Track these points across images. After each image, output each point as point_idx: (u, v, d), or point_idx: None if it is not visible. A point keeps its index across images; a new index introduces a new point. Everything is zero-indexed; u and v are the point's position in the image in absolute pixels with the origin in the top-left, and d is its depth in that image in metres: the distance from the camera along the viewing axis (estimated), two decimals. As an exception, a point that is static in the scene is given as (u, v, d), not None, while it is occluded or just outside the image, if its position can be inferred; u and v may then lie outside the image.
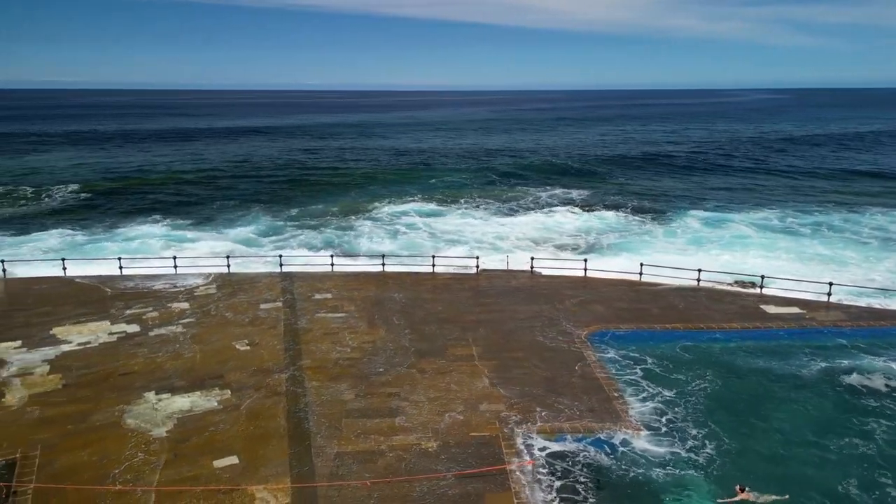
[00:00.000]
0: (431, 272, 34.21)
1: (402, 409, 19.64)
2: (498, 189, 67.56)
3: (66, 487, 15.56)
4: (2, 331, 25.17)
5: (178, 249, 40.43)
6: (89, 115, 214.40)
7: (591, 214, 54.12)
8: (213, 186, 68.78)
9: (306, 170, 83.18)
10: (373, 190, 67.87)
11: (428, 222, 51.56)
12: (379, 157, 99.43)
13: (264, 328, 25.90)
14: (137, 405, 19.65)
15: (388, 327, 26.14)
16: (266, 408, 19.61)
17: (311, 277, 33.08)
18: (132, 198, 61.58)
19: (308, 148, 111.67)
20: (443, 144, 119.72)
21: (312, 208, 56.42)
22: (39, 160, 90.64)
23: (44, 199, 59.71)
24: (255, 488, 15.76)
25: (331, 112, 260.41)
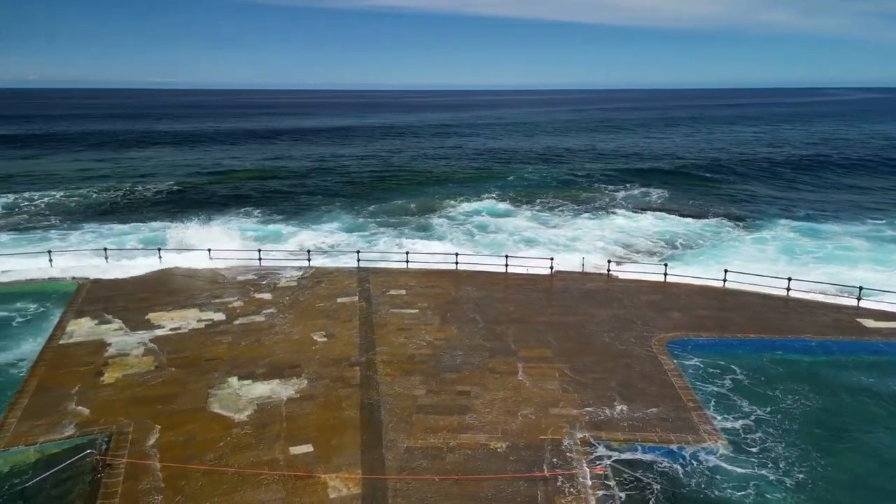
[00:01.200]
0: (504, 272, 34.08)
1: (471, 408, 19.69)
2: (575, 190, 66.41)
3: (154, 464, 16.58)
4: (103, 315, 27.09)
5: (264, 242, 42.18)
6: (188, 114, 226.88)
7: (673, 218, 52.24)
8: (298, 183, 71.24)
9: (385, 168, 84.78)
10: (448, 188, 68.32)
11: (502, 221, 51.38)
12: (456, 155, 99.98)
13: (341, 321, 26.61)
14: (221, 389, 20.66)
15: (460, 325, 26.27)
16: (340, 399, 20.15)
17: (387, 273, 33.71)
18: (224, 193, 64.70)
19: (388, 146, 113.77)
20: (520, 144, 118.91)
21: (390, 205, 57.42)
22: (140, 156, 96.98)
23: (144, 192, 63.77)
24: (328, 476, 16.23)
25: (410, 111, 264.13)
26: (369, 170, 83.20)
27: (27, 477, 16.31)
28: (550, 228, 49.25)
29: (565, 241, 44.79)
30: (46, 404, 19.63)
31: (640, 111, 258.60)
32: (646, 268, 34.57)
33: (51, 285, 31.13)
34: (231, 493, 15.57)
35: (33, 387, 20.72)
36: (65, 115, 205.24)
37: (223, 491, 15.63)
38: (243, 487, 15.77)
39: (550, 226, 50.22)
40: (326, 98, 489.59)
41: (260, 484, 15.93)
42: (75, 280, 31.74)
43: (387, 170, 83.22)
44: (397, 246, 42.57)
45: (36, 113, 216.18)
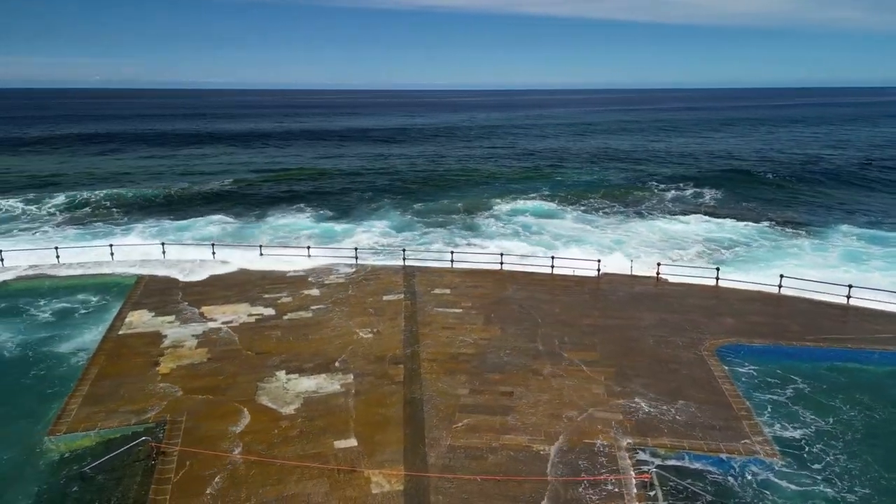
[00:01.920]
0: (550, 273, 33.79)
1: (514, 409, 19.61)
2: (625, 190, 65.26)
3: (205, 452, 17.12)
4: (160, 307, 28.12)
5: (314, 239, 42.98)
6: (242, 114, 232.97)
7: (727, 221, 50.72)
8: (348, 182, 72.29)
9: (434, 167, 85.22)
10: (496, 188, 68.18)
11: (549, 222, 50.93)
12: (504, 155, 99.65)
13: (386, 318, 26.89)
14: (269, 383, 21.17)
15: (504, 326, 26.18)
16: (384, 395, 20.37)
17: (432, 272, 33.87)
18: (277, 190, 66.21)
19: (436, 146, 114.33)
20: (570, 144, 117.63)
21: (437, 204, 57.68)
22: (197, 153, 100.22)
23: (200, 189, 65.86)
24: (372, 472, 16.44)
25: (459, 111, 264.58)
26: (418, 169, 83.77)
27: (87, 461, 17.08)
28: (598, 229, 48.55)
29: (613, 243, 44.07)
30: (105, 392, 20.51)
31: (694, 111, 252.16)
32: (696, 271, 33.67)
33: (111, 278, 32.50)
34: (277, 484, 15.95)
35: (94, 375, 21.67)
36: (131, 115, 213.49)
37: (270, 482, 16.02)
38: (289, 479, 16.13)
39: (598, 227, 49.50)
40: (376, 98, 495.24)
41: (305, 476, 16.25)
42: (134, 273, 33.06)
43: (435, 169, 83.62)
44: (443, 245, 42.74)
45: (102, 113, 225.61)
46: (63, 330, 26.08)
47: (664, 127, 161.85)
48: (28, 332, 25.73)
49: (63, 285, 31.43)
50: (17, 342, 24.66)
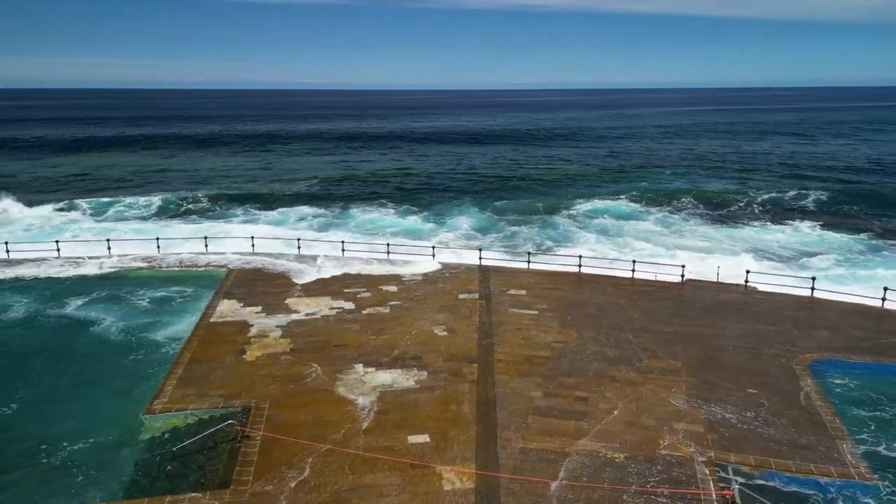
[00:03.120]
0: (631, 277, 32.89)
1: (589, 415, 19.25)
2: (714, 194, 62.54)
3: (286, 439, 17.85)
4: (248, 298, 29.53)
5: (395, 237, 43.82)
6: (327, 115, 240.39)
7: (826, 230, 47.60)
8: (429, 181, 73.28)
9: (515, 167, 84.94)
10: (578, 189, 67.08)
11: (632, 224, 49.57)
12: (587, 156, 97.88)
13: (461, 317, 27.05)
14: (347, 375, 21.80)
15: (580, 330, 25.74)
16: (458, 393, 20.51)
17: (508, 272, 33.76)
18: (361, 189, 68.00)
19: (518, 145, 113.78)
20: (658, 145, 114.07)
21: (516, 204, 57.39)
22: (284, 150, 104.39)
23: (288, 188, 68.61)
24: (443, 468, 16.61)
25: (542, 111, 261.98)
26: (499, 168, 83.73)
27: (178, 439, 18.20)
28: (684, 234, 46.80)
29: (699, 248, 42.34)
30: (197, 375, 21.77)
31: (794, 112, 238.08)
32: (790, 281, 31.80)
33: (205, 270, 34.45)
34: (351, 473, 16.40)
35: (186, 359, 23.05)
36: (225, 116, 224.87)
37: (344, 471, 16.50)
38: (362, 469, 16.55)
39: (684, 231, 47.71)
40: (458, 98, 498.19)
41: (378, 468, 16.63)
42: (226, 265, 34.89)
43: (516, 169, 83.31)
44: (520, 245, 42.50)
45: (204, 114, 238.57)
46: (161, 317, 27.91)
47: (759, 128, 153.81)
48: (130, 317, 27.69)
49: (162, 275, 33.65)
50: (120, 327, 26.60)
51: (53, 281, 32.47)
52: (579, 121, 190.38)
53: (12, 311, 28.29)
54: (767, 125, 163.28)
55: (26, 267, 34.62)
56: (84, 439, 18.39)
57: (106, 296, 30.40)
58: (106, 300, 29.83)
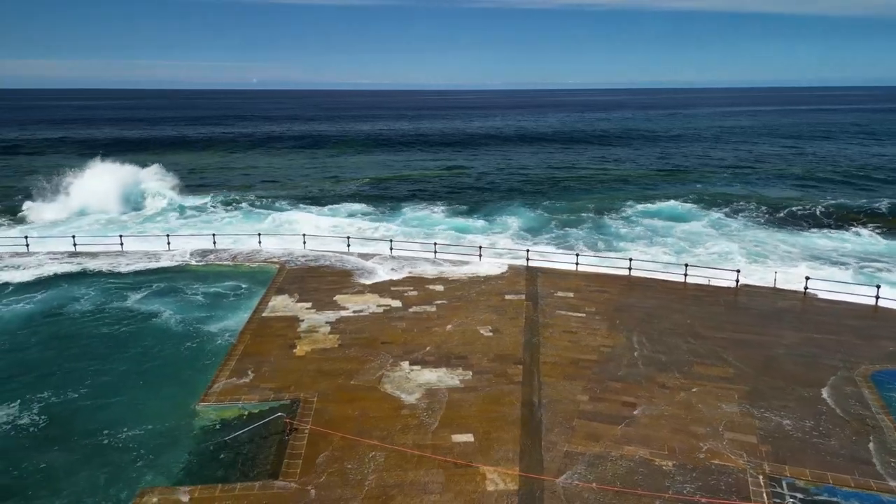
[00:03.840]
0: (682, 281, 32.13)
1: (636, 420, 18.93)
2: (773, 197, 60.47)
3: (333, 433, 18.19)
4: (299, 294, 30.20)
5: (443, 236, 44.06)
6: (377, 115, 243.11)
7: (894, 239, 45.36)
8: (479, 181, 73.35)
9: (567, 167, 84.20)
10: (630, 190, 65.98)
11: (685, 227, 48.40)
12: (640, 156, 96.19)
13: (507, 318, 26.98)
14: (394, 372, 22.05)
15: (628, 334, 25.31)
16: (503, 394, 20.48)
17: (555, 274, 33.47)
18: (410, 189, 68.62)
19: (570, 145, 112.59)
20: (714, 146, 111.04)
21: (567, 205, 56.85)
22: (336, 150, 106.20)
23: (341, 187, 69.80)
24: (487, 469, 16.63)
25: (593, 110, 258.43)
26: (550, 168, 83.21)
27: (230, 429, 18.79)
28: (739, 238, 45.40)
29: (756, 253, 41.04)
30: (249, 368, 22.40)
31: (859, 112, 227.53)
32: (852, 288, 30.47)
33: (259, 266, 35.42)
34: (396, 469, 16.60)
35: (239, 352, 23.76)
36: (282, 116, 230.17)
37: (389, 467, 16.70)
38: (407, 466, 16.72)
39: (740, 235, 46.29)
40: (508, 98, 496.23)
41: (422, 465, 16.77)
42: (278, 261, 35.79)
43: (568, 169, 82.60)
44: (569, 246, 42.06)
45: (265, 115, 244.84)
46: (216, 310, 28.85)
47: (823, 130, 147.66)
48: (187, 310, 28.72)
49: (218, 270, 34.82)
50: (178, 319, 27.64)
51: (117, 274, 33.98)
52: (632, 120, 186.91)
53: (81, 302, 29.73)
54: (831, 126, 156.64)
55: (92, 260, 36.35)
56: (142, 426, 19.19)
57: (165, 289, 31.63)
58: (165, 293, 31.02)
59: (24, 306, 29.12)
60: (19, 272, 33.80)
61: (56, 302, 29.70)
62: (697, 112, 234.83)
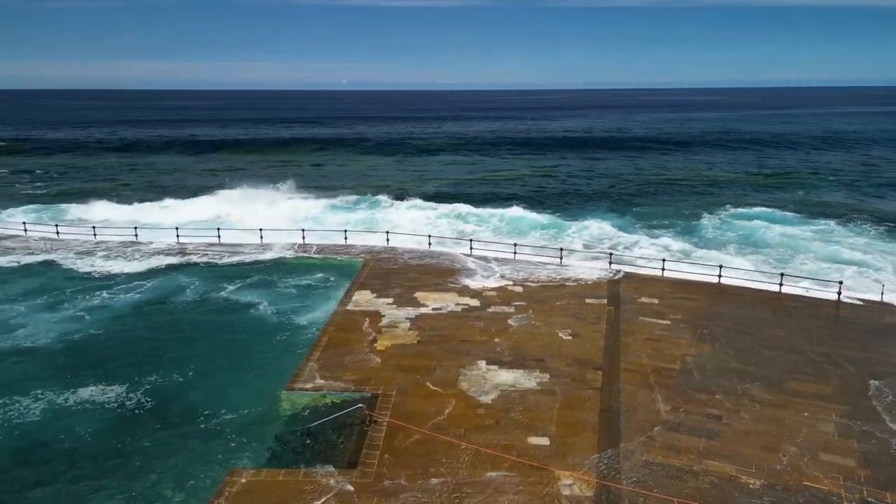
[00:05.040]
0: (777, 291, 30.42)
1: (721, 434, 18.16)
2: (887, 206, 56.02)
3: (410, 427, 18.58)
4: (381, 289, 30.96)
5: (525, 237, 43.83)
6: (466, 115, 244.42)
7: None
8: (566, 183, 72.41)
9: (657, 169, 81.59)
10: (722, 195, 63.00)
11: (783, 235, 45.65)
12: (736, 159, 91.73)
13: (587, 322, 26.54)
14: (470, 371, 22.22)
15: (715, 344, 24.27)
16: (580, 399, 20.20)
17: (640, 279, 32.56)
18: (495, 189, 68.73)
19: (660, 147, 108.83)
20: (817, 149, 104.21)
21: (656, 209, 55.04)
22: (420, 150, 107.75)
23: (424, 185, 70.88)
24: (562, 473, 16.47)
25: (683, 110, 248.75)
26: (638, 170, 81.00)
27: (313, 418, 19.60)
28: (844, 247, 42.36)
29: (862, 264, 38.20)
30: (332, 359, 23.23)
31: None
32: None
33: (344, 261, 36.66)
34: (470, 468, 16.74)
35: (324, 343, 24.67)
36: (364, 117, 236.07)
37: (464, 465, 16.87)
38: (482, 466, 16.82)
39: (844, 245, 43.19)
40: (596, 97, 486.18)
41: (497, 466, 16.82)
42: (363, 257, 36.86)
43: (658, 171, 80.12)
44: (655, 250, 40.77)
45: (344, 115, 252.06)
46: (305, 302, 30.14)
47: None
48: (279, 301, 30.19)
49: (308, 264, 36.39)
50: (272, 310, 29.13)
51: (217, 266, 36.16)
52: (727, 121, 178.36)
53: (185, 292, 31.84)
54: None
55: (195, 252, 38.86)
56: (235, 410, 20.36)
57: (260, 280, 33.39)
58: (260, 285, 32.74)
59: (134, 295, 31.54)
60: (130, 263, 36.62)
61: (162, 291, 31.97)
62: (800, 112, 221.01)
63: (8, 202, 58.87)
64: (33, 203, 57.63)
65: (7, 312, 28.87)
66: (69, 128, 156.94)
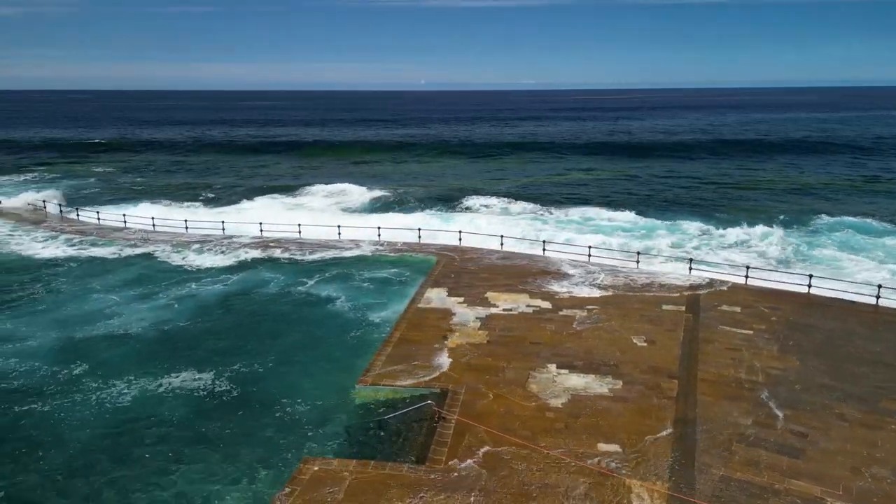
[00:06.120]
0: (874, 304, 28.43)
1: (806, 453, 17.18)
2: None
3: (478, 426, 18.64)
4: (453, 288, 31.20)
5: (603, 238, 42.95)
6: (543, 115, 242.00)
7: None
8: (648, 186, 70.46)
9: (744, 174, 77.94)
10: (816, 201, 59.44)
11: (884, 244, 42.61)
12: (831, 163, 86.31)
13: (663, 329, 25.74)
14: (540, 373, 22.03)
15: (803, 358, 22.97)
16: (654, 408, 19.63)
17: (721, 286, 31.23)
18: (572, 191, 67.75)
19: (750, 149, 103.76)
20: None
21: (740, 215, 52.45)
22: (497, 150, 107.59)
23: (500, 186, 70.79)
24: (633, 482, 16.08)
25: (779, 110, 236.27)
26: (725, 174, 77.72)
27: (383, 412, 20.01)
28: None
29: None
30: (403, 355, 23.63)
31: None
32: None
33: (418, 258, 37.21)
34: (538, 470, 16.61)
35: (396, 339, 25.12)
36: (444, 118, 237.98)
37: (532, 467, 16.76)
38: (550, 470, 16.66)
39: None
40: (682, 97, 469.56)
41: (565, 470, 16.62)
42: (436, 255, 37.28)
43: (746, 175, 76.57)
44: (738, 257, 38.99)
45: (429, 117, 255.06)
46: (379, 298, 30.84)
47: None
48: (355, 296, 31.05)
49: (383, 260, 37.29)
50: (348, 306, 30.00)
51: (300, 261, 37.56)
52: (823, 122, 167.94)
53: (269, 285, 33.29)
54: None
55: (278, 246, 40.55)
56: (309, 400, 21.10)
57: (337, 275, 34.46)
58: (339, 279, 33.81)
59: (221, 287, 33.23)
60: (218, 256, 38.60)
61: (247, 284, 33.54)
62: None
63: (111, 196, 63.39)
64: (135, 199, 61.72)
65: (105, 301, 31.08)
66: (167, 126, 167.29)
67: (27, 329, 27.54)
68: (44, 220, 50.02)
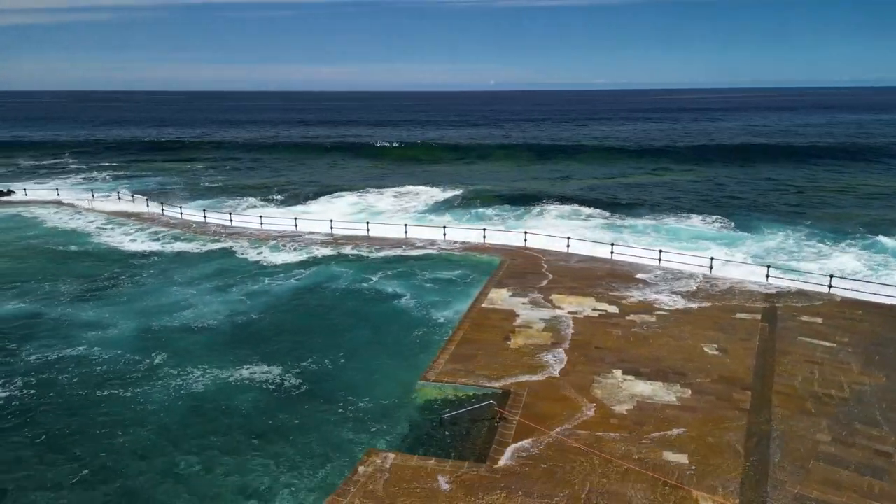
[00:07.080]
0: (976, 320, 26.30)
1: (891, 474, 16.12)
2: None
3: (539, 428, 18.49)
4: (517, 289, 31.04)
5: (671, 244, 41.70)
6: (615, 117, 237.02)
7: None
8: (725, 191, 67.92)
9: (831, 178, 73.76)
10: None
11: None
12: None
13: (737, 338, 24.72)
14: (605, 378, 21.62)
15: (890, 373, 21.54)
16: (725, 419, 18.91)
17: (802, 295, 29.70)
18: (642, 193, 66.09)
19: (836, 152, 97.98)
20: None
21: (825, 223, 49.64)
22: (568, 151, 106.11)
23: (566, 188, 69.84)
24: (701, 495, 15.55)
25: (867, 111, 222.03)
26: (809, 178, 73.76)
27: (445, 409, 20.15)
28: None
29: None
30: (466, 354, 23.71)
31: None
32: None
33: (483, 259, 37.24)
34: (601, 478, 16.31)
35: (459, 338, 25.25)
36: (512, 119, 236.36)
37: (593, 474, 16.47)
38: (612, 477, 16.33)
39: None
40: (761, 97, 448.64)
41: (628, 479, 16.25)
42: (500, 256, 37.19)
43: (834, 179, 72.54)
44: (821, 265, 36.90)
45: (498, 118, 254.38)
46: (444, 297, 31.09)
47: None
48: (420, 295, 31.42)
49: (448, 260, 37.65)
50: (413, 304, 30.43)
51: (367, 258, 38.37)
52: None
53: (338, 282, 34.18)
54: None
55: (348, 244, 41.57)
56: (373, 395, 21.53)
57: (403, 273, 35.04)
58: (404, 276, 34.41)
59: (294, 282, 34.35)
60: (291, 253, 39.92)
61: (317, 280, 34.54)
62: None
63: (192, 193, 66.64)
64: (215, 196, 64.66)
65: (183, 294, 32.67)
66: (251, 125, 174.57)
67: (110, 317, 29.32)
68: (133, 214, 53.17)
